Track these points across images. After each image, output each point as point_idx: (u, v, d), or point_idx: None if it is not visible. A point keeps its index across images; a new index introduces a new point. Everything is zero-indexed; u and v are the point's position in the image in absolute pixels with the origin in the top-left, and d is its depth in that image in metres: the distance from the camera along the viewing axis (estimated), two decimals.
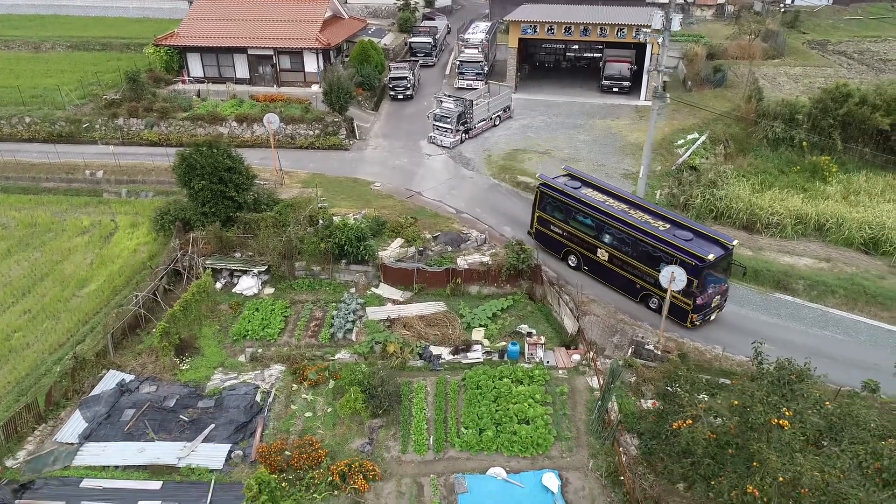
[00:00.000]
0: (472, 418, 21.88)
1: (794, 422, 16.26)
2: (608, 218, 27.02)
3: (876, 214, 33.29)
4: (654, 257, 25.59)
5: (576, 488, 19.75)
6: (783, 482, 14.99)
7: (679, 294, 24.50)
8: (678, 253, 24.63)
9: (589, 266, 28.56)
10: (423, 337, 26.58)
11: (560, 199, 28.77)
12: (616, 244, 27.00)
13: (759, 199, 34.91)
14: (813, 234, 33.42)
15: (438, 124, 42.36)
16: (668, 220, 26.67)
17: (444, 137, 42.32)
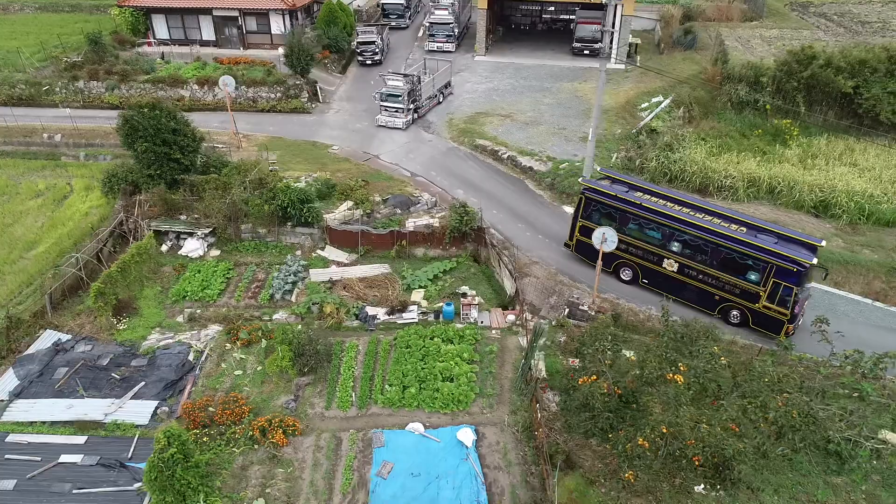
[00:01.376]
0: (397, 376, 22.18)
1: (689, 377, 16.51)
2: (680, 224, 23.78)
3: (829, 178, 33.15)
4: (740, 265, 22.81)
5: (490, 443, 20.14)
6: (667, 433, 15.30)
7: (774, 304, 22.42)
8: (773, 258, 22.05)
9: (650, 279, 25.24)
10: (362, 298, 26.77)
11: (612, 205, 25.13)
12: (689, 253, 23.80)
13: (713, 162, 34.69)
14: (765, 198, 33.34)
15: (387, 105, 39.46)
16: (735, 221, 24.04)
17: (395, 118, 39.62)
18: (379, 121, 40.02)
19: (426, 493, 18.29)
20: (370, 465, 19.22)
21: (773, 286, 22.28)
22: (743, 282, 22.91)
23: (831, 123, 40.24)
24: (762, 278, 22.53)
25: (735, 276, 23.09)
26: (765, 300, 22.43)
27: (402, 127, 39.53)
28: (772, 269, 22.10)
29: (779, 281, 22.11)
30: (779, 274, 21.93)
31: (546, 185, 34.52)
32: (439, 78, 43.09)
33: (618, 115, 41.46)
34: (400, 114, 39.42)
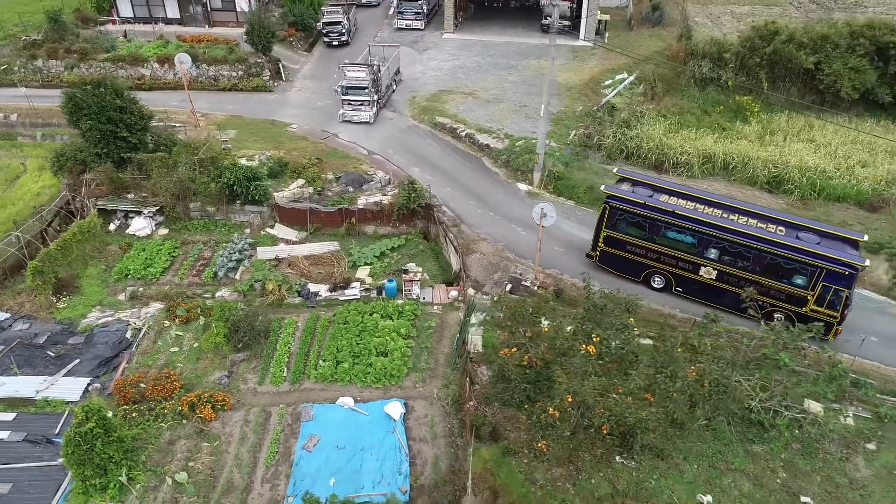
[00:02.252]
0: (332, 351, 22.26)
1: (601, 348, 16.62)
2: (719, 231, 22.36)
3: (784, 154, 33.13)
4: (786, 270, 21.66)
5: (419, 416, 20.29)
6: (572, 402, 15.44)
7: (822, 308, 21.52)
8: (823, 262, 20.96)
9: (683, 287, 23.65)
10: (307, 275, 26.77)
11: (641, 213, 23.53)
12: (729, 260, 22.46)
13: (670, 139, 34.60)
14: (720, 174, 33.33)
15: (350, 98, 36.84)
16: (772, 221, 22.94)
17: (361, 112, 37.19)
18: (343, 116, 37.46)
19: (349, 464, 18.46)
20: (297, 439, 19.31)
21: (823, 289, 21.17)
22: (789, 286, 21.73)
23: (795, 99, 40.16)
24: (810, 282, 21.34)
25: (780, 282, 21.85)
26: (812, 304, 21.36)
27: (370, 120, 37.17)
28: (821, 272, 20.96)
29: (829, 284, 21.00)
30: (829, 277, 20.86)
31: (502, 163, 34.43)
32: (392, 64, 41.92)
33: (581, 93, 41.26)
34: (366, 107, 37.07)
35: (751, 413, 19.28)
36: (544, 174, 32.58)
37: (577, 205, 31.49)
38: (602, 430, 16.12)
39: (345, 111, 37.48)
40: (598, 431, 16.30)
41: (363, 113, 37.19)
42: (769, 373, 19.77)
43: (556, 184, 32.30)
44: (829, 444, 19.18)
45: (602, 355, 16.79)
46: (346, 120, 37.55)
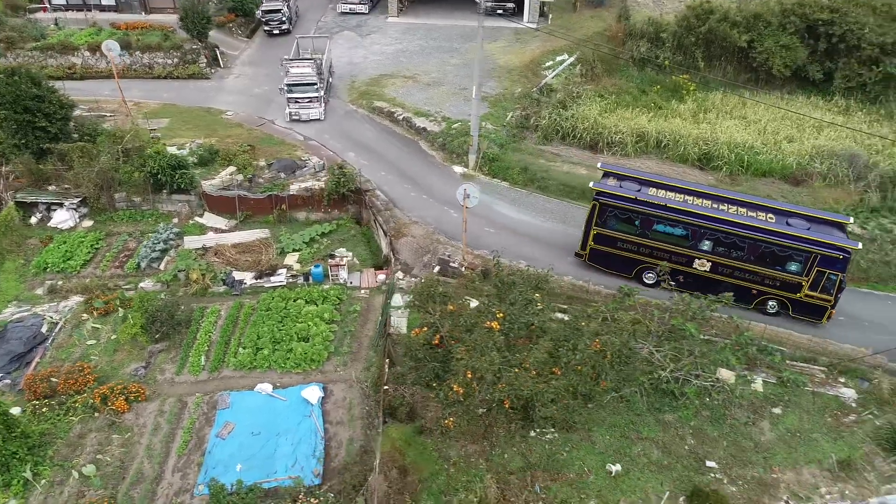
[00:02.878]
0: (252, 338, 22.05)
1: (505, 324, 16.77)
2: (713, 223, 22.23)
3: (714, 131, 33.64)
4: (780, 257, 21.82)
5: (337, 399, 20.28)
6: (471, 378, 15.57)
7: (817, 292, 21.73)
8: (817, 248, 21.16)
9: (677, 281, 22.53)
10: (233, 263, 26.44)
11: (632, 209, 23.08)
12: (723, 251, 22.42)
13: (605, 118, 34.87)
14: (653, 152, 33.72)
15: (297, 96, 34.88)
16: (761, 209, 22.91)
17: (311, 109, 35.35)
18: (291, 115, 35.35)
19: (263, 450, 18.39)
20: (212, 427, 19.13)
21: (818, 275, 21.40)
22: (783, 273, 21.86)
23: (731, 78, 40.81)
24: (805, 268, 21.56)
25: (774, 269, 21.97)
26: (807, 289, 21.56)
27: (321, 117, 35.48)
28: (816, 258, 21.16)
29: (823, 269, 21.26)
30: (823, 262, 21.09)
31: (438, 146, 34.36)
32: (327, 55, 40.73)
33: (521, 74, 41.31)
34: (315, 103, 35.16)
35: (663, 383, 19.65)
36: (479, 156, 32.61)
37: (511, 186, 31.63)
38: (504, 404, 16.28)
39: (292, 110, 35.36)
40: (500, 405, 16.47)
41: (312, 110, 35.38)
42: (681, 344, 20.16)
43: (490, 166, 32.36)
44: (737, 410, 19.70)
45: (507, 331, 16.94)
46: (294, 119, 35.49)
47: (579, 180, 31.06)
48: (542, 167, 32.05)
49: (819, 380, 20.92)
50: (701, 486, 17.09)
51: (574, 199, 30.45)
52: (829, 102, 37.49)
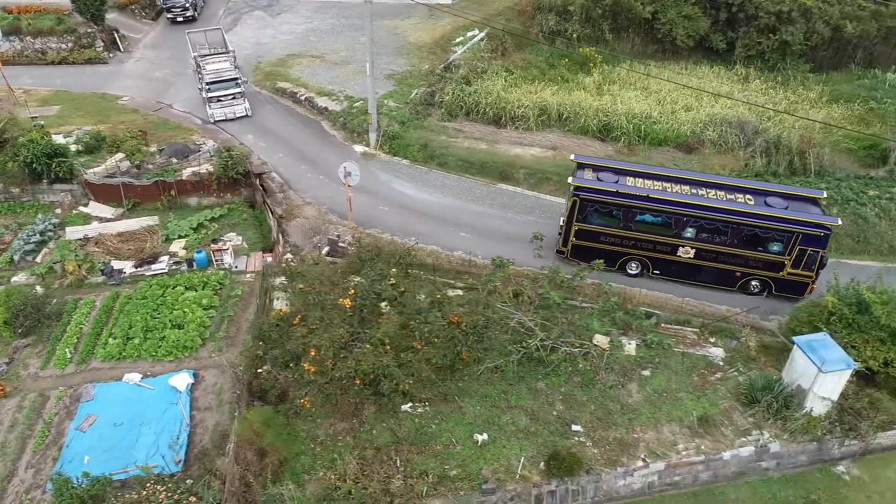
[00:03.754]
0: (124, 328, 21.40)
1: (356, 300, 16.64)
2: (696, 210, 22.21)
3: (616, 102, 33.96)
4: (762, 239, 22.11)
5: (208, 385, 19.91)
6: (317, 355, 15.43)
7: (799, 270, 22.04)
8: (799, 227, 21.42)
9: (662, 269, 23.41)
10: (114, 252, 25.56)
11: (615, 203, 22.83)
12: (707, 237, 22.52)
13: (509, 93, 34.83)
14: (556, 125, 33.88)
15: (218, 94, 32.54)
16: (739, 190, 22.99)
17: (235, 106, 33.02)
18: (214, 116, 32.77)
19: (123, 441, 17.95)
20: (72, 420, 18.54)
21: (800, 253, 21.74)
22: (766, 254, 22.09)
23: (638, 50, 41.29)
24: (787, 248, 21.86)
25: (758, 251, 22.18)
26: (790, 267, 21.85)
27: (248, 113, 33.36)
28: (798, 237, 21.46)
29: (805, 247, 21.59)
30: (805, 240, 21.40)
31: (340, 125, 33.86)
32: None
33: (430, 51, 40.92)
34: (239, 99, 32.90)
35: (534, 352, 19.88)
36: (379, 135, 32.24)
37: (411, 163, 31.44)
38: (355, 381, 16.21)
39: (215, 111, 32.66)
40: (351, 382, 16.40)
41: (237, 107, 32.95)
42: (554, 313, 20.40)
43: (391, 144, 32.05)
44: (607, 375, 20.08)
45: (360, 307, 16.82)
46: (219, 119, 32.97)
47: (478, 156, 31.10)
48: (442, 144, 31.91)
49: (690, 341, 21.47)
50: (560, 449, 17.39)
51: (473, 174, 30.49)
52: (731, 71, 38.28)
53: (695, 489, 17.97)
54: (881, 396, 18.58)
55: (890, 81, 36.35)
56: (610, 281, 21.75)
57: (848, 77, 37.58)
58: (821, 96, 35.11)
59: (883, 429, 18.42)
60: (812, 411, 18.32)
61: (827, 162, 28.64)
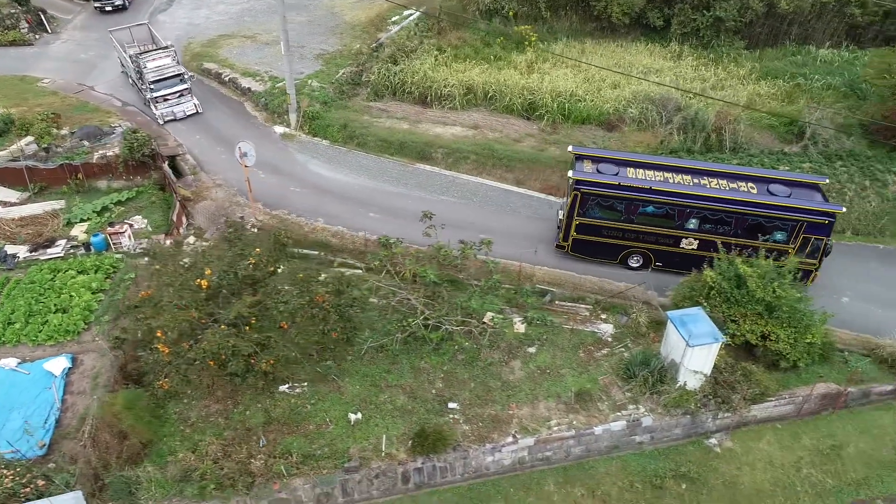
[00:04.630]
0: (5, 313, 21.12)
1: (213, 280, 16.50)
2: (700, 201, 21.85)
3: (545, 81, 33.71)
4: (767, 228, 21.70)
5: (85, 368, 19.71)
6: (163, 336, 15.30)
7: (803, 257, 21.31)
8: (803, 215, 21.13)
9: (664, 261, 23.08)
10: (11, 237, 25.18)
11: (617, 196, 22.25)
12: (710, 227, 22.17)
13: (435, 72, 34.51)
14: (482, 104, 33.65)
15: (164, 93, 31.04)
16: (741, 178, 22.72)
17: (184, 104, 31.67)
18: (163, 117, 31.19)
19: None
20: None
21: (804, 241, 21.46)
22: (770, 243, 21.52)
23: (577, 28, 41.02)
24: (791, 236, 21.58)
25: (761, 240, 21.61)
26: (793, 255, 21.05)
27: (199, 110, 32.14)
28: (802, 225, 21.22)
29: (809, 235, 21.33)
30: (810, 228, 21.17)
31: (262, 106, 33.46)
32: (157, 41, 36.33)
33: (364, 30, 40.50)
34: (187, 95, 31.59)
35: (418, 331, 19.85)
36: (299, 115, 31.90)
37: (331, 144, 31.17)
38: (209, 363, 16.11)
39: (162, 111, 31.08)
40: (204, 362, 16.30)
41: (186, 104, 31.60)
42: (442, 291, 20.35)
43: (311, 124, 31.72)
44: (493, 353, 20.08)
45: (217, 287, 16.69)
46: (169, 120, 31.45)
47: (398, 136, 30.89)
48: (363, 124, 31.64)
49: (582, 318, 21.50)
50: (426, 426, 17.40)
51: (392, 154, 30.29)
52: (666, 49, 38.13)
53: (567, 464, 18.06)
54: (755, 369, 18.69)
55: (821, 57, 36.33)
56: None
57: (782, 53, 37.54)
58: (751, 73, 35.05)
59: (755, 401, 18.55)
60: (686, 385, 18.41)
61: (743, 138, 28.57)
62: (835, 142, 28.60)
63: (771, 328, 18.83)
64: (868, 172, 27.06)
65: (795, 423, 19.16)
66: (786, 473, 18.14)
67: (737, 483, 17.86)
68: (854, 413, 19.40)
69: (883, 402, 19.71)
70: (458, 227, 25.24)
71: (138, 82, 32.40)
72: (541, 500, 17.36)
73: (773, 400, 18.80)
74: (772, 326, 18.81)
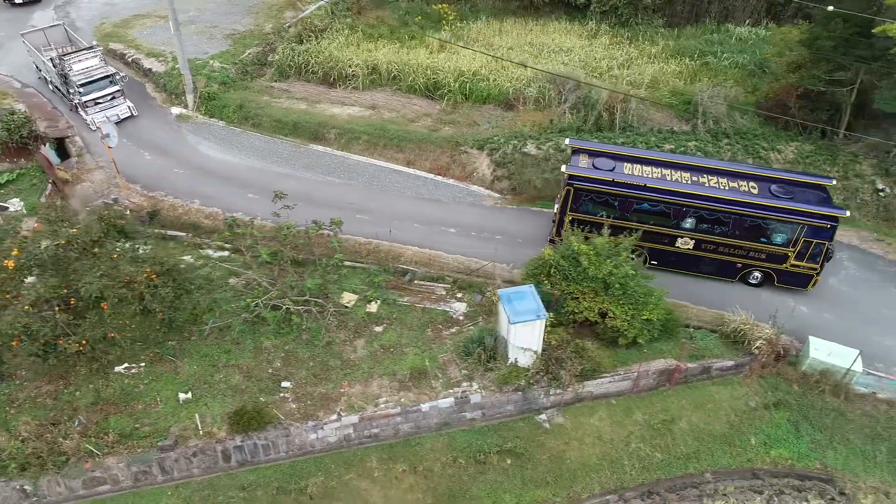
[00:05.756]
0: None
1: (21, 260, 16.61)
2: (694, 200, 21.17)
3: (450, 60, 33.61)
4: (766, 230, 21.08)
5: None
6: None
7: (803, 262, 21.09)
8: (804, 218, 20.43)
9: (659, 260, 22.33)
10: None
11: (611, 192, 21.63)
12: (707, 228, 21.50)
13: (341, 52, 34.37)
14: (386, 84, 33.58)
15: (95, 97, 29.51)
16: (742, 177, 21.85)
17: (117, 107, 30.15)
18: (95, 122, 29.08)
19: None
20: None
21: (804, 245, 20.83)
22: (769, 246, 21.13)
23: (500, 6, 40.87)
24: (791, 239, 20.92)
25: (760, 242, 21.19)
26: (793, 259, 21.02)
27: (135, 113, 30.65)
28: (803, 229, 20.57)
29: (810, 239, 20.68)
30: (810, 232, 20.52)
31: (161, 87, 33.27)
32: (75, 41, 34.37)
33: (280, 10, 40.23)
34: (119, 98, 30.15)
35: (260, 310, 19.98)
36: (196, 96, 31.78)
37: (227, 125, 31.14)
38: (14, 343, 16.26)
39: (94, 117, 29.37)
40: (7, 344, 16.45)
41: (119, 107, 30.12)
42: (283, 269, 20.48)
43: (207, 105, 31.62)
44: (338, 332, 20.27)
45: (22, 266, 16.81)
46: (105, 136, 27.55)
47: (293, 116, 30.87)
48: (260, 105, 31.58)
49: (437, 297, 21.69)
50: (245, 404, 17.62)
51: (286, 135, 30.27)
52: (584, 27, 38.06)
53: (394, 442, 18.32)
54: (588, 346, 18.94)
55: (738, 35, 36.32)
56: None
57: (701, 32, 37.52)
58: (662, 51, 35.03)
59: (587, 377, 18.80)
60: (517, 362, 18.64)
61: (633, 117, 28.65)
62: (727, 120, 28.68)
63: (608, 305, 19.03)
64: (752, 150, 27.20)
65: (631, 398, 19.42)
66: (614, 448, 18.43)
67: (563, 458, 18.16)
68: (692, 388, 19.68)
69: (724, 377, 19.97)
70: (336, 208, 25.44)
71: (62, 87, 30.74)
72: (362, 476, 17.61)
73: (608, 376, 19.04)
74: (608, 304, 19.00)
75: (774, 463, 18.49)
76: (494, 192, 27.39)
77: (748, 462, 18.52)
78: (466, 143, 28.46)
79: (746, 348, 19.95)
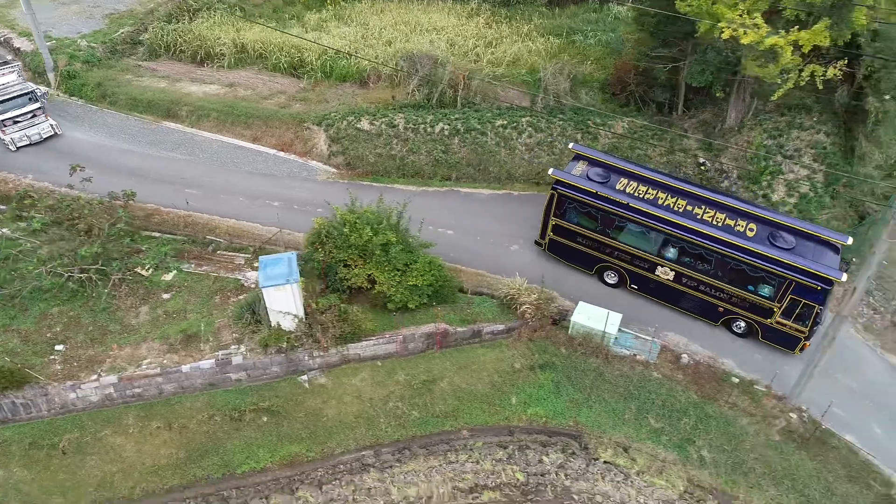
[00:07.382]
0: None
1: None
2: (675, 229, 20.05)
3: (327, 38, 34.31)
4: (751, 277, 19.56)
5: None
6: None
7: (790, 321, 19.54)
8: (792, 273, 18.73)
9: (640, 285, 21.65)
10: None
11: (593, 204, 21.03)
12: (689, 261, 20.35)
13: (210, 32, 35.16)
14: (254, 63, 34.42)
15: (11, 116, 28.05)
16: (744, 215, 20.27)
17: (38, 125, 28.67)
18: (14, 143, 28.11)
19: None
20: None
21: (791, 303, 19.19)
22: (753, 296, 19.74)
23: None
24: (777, 293, 19.38)
25: (744, 290, 19.84)
26: (779, 316, 19.58)
27: (57, 131, 29.16)
28: (790, 285, 18.91)
29: (798, 298, 18.99)
30: (798, 291, 18.83)
31: (27, 66, 34.07)
32: None
33: None
34: (40, 115, 28.76)
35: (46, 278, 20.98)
36: (58, 74, 32.62)
37: (86, 103, 31.98)
38: None
39: (13, 136, 28.04)
40: None
41: (41, 125, 28.65)
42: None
43: (67, 84, 32.47)
44: (128, 299, 21.29)
45: None
46: (22, 146, 28.45)
47: (148, 94, 31.78)
48: (119, 83, 32.47)
49: (234, 265, 22.69)
50: (4, 365, 18.63)
51: (140, 112, 31.14)
52: (465, 7, 38.78)
53: (155, 401, 19.37)
54: (351, 310, 19.95)
55: (615, 14, 37.14)
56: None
57: (583, 11, 38.29)
58: (534, 30, 35.82)
59: (350, 340, 19.83)
60: (280, 325, 19.67)
61: (476, 94, 29.53)
62: (569, 97, 29.56)
63: (374, 272, 20.02)
64: (582, 126, 28.10)
65: (398, 361, 20.46)
66: (372, 406, 19.51)
67: (320, 415, 19.22)
68: (460, 351, 20.75)
69: (495, 341, 21.01)
70: (167, 183, 26.49)
71: None
72: (117, 432, 18.68)
73: (372, 339, 20.07)
74: (374, 270, 20.00)
75: (530, 421, 19.56)
76: (331, 167, 28.35)
77: (505, 420, 19.59)
78: (309, 119, 29.35)
79: (518, 313, 20.92)
